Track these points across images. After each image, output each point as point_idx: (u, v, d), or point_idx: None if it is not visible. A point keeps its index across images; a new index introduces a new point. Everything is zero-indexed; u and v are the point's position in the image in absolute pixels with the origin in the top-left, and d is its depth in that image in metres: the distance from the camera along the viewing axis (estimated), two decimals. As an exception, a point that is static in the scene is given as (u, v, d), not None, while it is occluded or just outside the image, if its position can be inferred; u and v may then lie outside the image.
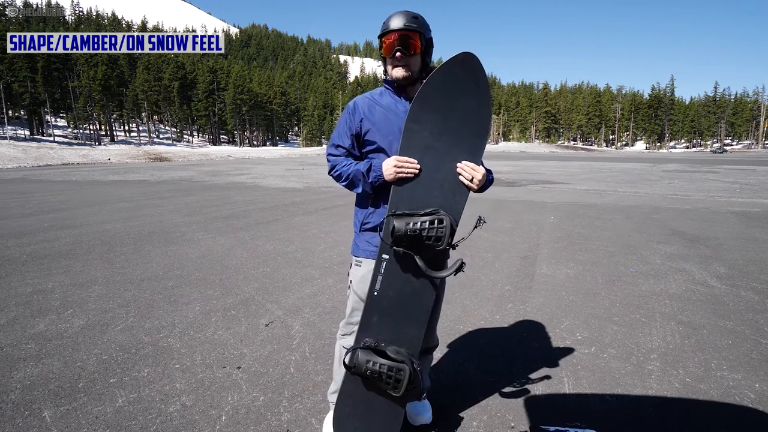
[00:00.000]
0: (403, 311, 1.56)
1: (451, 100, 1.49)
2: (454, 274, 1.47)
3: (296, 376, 2.27)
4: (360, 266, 1.70)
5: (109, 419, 1.90)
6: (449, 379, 2.27)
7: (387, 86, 1.68)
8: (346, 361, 1.54)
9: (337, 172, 1.67)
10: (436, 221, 1.43)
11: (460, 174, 1.52)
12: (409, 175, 1.51)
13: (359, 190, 1.64)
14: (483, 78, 1.49)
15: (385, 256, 1.52)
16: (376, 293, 1.54)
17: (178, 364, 2.40)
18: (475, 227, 1.53)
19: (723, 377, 2.26)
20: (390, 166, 1.51)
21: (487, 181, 1.60)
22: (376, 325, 1.56)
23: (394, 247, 1.47)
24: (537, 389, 2.16)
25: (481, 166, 1.54)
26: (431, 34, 1.64)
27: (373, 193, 1.65)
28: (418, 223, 1.43)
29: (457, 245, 1.50)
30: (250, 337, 2.75)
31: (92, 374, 2.27)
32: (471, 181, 1.51)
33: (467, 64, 1.46)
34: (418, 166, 1.50)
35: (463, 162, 1.52)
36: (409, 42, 1.55)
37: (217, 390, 2.14)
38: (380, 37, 1.60)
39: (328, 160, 1.72)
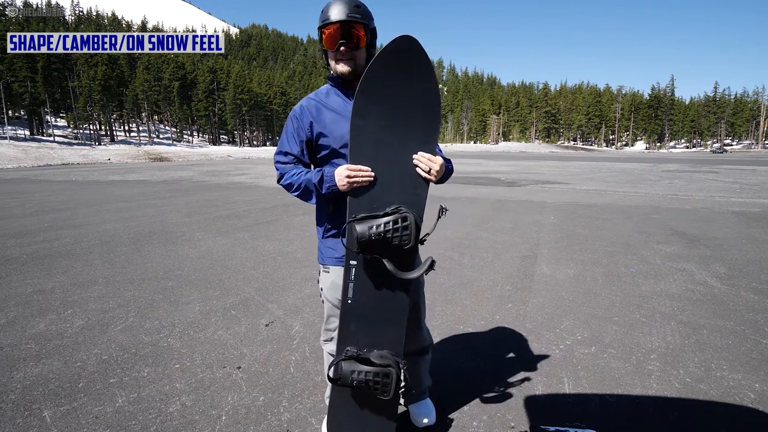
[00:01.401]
0: (380, 315, 1.52)
1: (395, 88, 1.39)
2: (425, 273, 1.42)
3: (296, 376, 2.27)
4: (328, 272, 1.65)
5: (109, 419, 1.90)
6: (449, 379, 2.27)
7: (332, 83, 1.58)
8: (331, 374, 1.51)
9: (287, 182, 1.55)
10: (399, 220, 1.37)
11: (416, 166, 1.44)
12: (363, 184, 1.42)
13: (313, 201, 1.55)
14: (425, 61, 1.38)
15: (353, 263, 1.47)
16: (349, 301, 1.49)
17: (178, 364, 2.40)
18: (439, 218, 1.45)
19: (723, 377, 2.26)
20: (342, 177, 1.41)
21: (446, 171, 1.52)
22: (355, 333, 1.52)
23: (361, 255, 1.41)
24: (537, 389, 2.16)
25: (438, 156, 1.46)
26: (374, 25, 1.53)
27: (335, 200, 1.55)
28: (381, 225, 1.36)
29: (424, 240, 1.44)
30: (250, 337, 2.75)
31: (92, 374, 2.27)
32: (429, 172, 1.43)
33: (406, 48, 1.36)
34: (372, 174, 1.42)
35: (419, 153, 1.43)
36: (353, 33, 1.44)
37: (217, 390, 2.14)
38: (320, 28, 1.47)
39: (276, 168, 1.62)
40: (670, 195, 10.57)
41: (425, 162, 1.43)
